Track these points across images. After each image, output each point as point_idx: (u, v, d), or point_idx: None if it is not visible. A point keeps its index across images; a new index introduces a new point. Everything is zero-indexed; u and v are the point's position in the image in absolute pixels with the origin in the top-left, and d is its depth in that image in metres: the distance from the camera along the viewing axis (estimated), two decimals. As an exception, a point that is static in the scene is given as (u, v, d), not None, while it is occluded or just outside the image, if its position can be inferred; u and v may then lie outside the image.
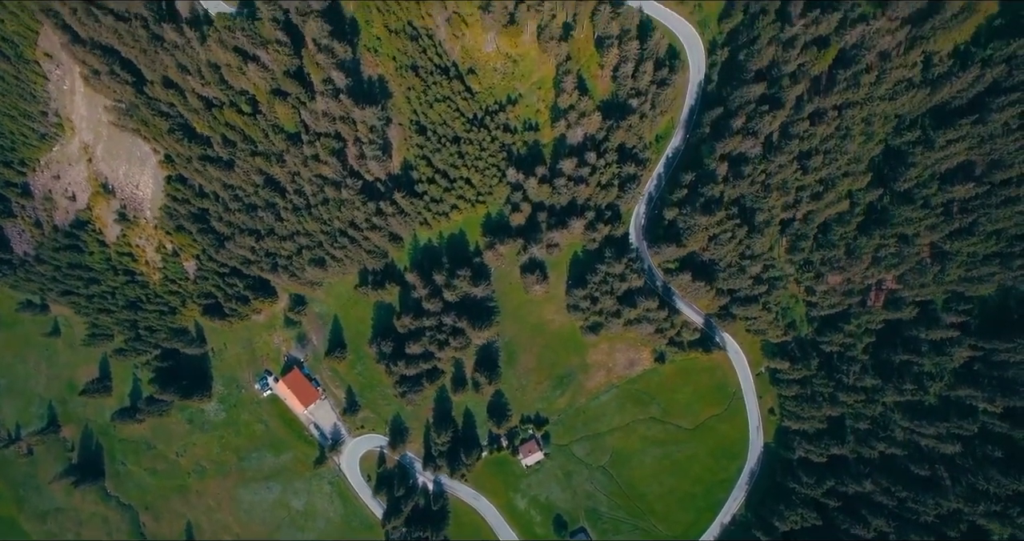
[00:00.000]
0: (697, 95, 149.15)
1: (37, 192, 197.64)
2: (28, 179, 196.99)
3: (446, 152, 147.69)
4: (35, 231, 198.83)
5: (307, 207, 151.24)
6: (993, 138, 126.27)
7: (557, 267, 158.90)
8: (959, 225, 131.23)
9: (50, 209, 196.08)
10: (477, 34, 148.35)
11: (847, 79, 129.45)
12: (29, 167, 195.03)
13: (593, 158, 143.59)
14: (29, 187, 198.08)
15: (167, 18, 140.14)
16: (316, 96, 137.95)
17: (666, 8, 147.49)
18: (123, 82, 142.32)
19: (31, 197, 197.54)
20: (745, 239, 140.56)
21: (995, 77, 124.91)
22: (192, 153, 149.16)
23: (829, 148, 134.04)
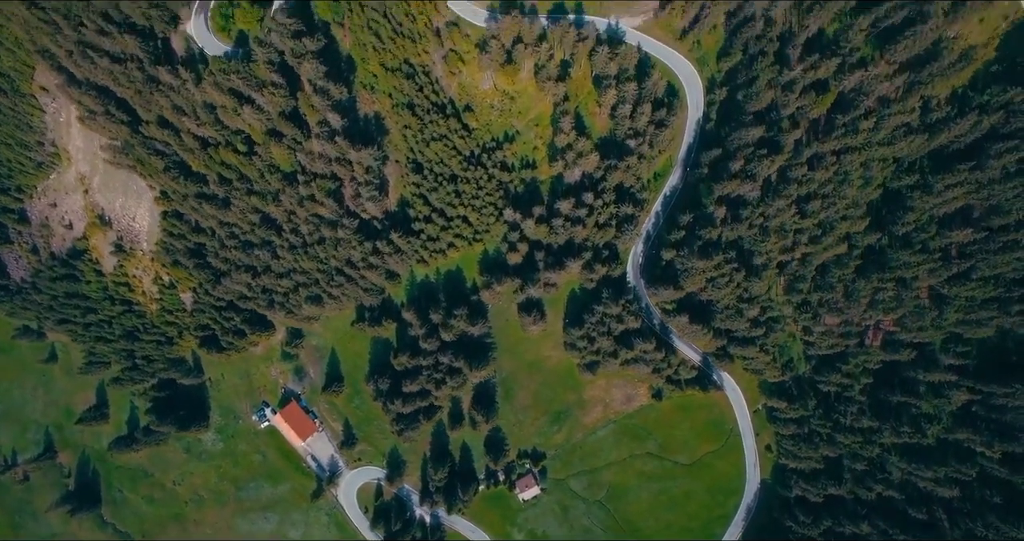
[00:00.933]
0: (695, 133, 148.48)
1: (34, 219, 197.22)
2: (25, 205, 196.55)
3: (443, 191, 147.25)
4: (32, 258, 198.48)
5: (303, 246, 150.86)
6: (991, 184, 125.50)
7: (554, 304, 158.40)
8: (957, 270, 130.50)
9: (47, 236, 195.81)
10: (474, 72, 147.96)
11: (846, 124, 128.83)
12: (26, 194, 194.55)
13: (591, 198, 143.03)
14: (26, 213, 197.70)
15: (163, 60, 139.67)
16: (312, 138, 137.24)
17: (664, 45, 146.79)
18: (118, 122, 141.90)
19: (28, 223, 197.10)
20: (743, 282, 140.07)
21: (993, 123, 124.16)
22: (188, 191, 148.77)
23: (827, 192, 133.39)
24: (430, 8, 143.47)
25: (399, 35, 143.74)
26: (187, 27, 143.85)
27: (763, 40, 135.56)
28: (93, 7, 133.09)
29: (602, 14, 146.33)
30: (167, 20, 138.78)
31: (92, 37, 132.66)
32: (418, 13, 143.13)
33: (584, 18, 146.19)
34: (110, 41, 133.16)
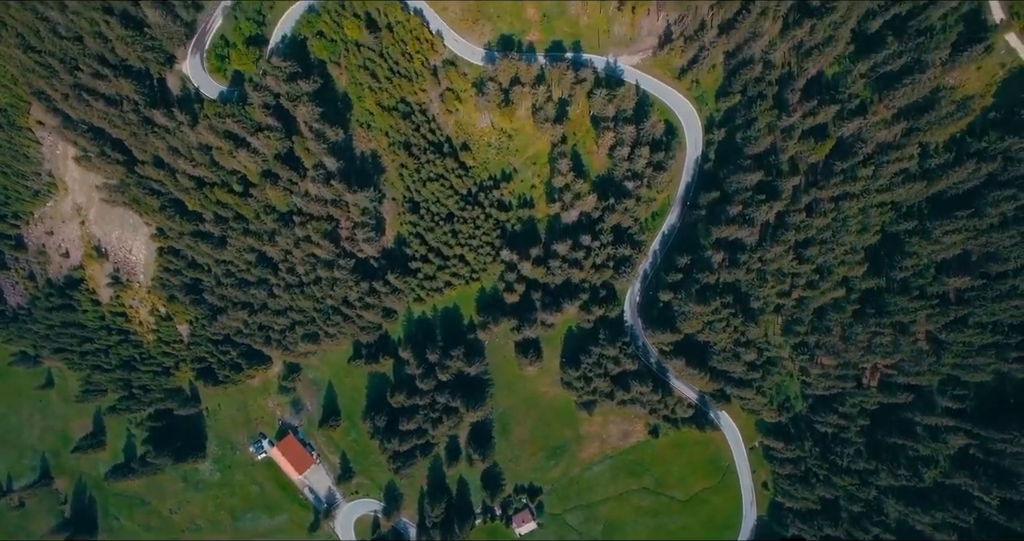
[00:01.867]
0: (694, 172, 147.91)
1: (31, 245, 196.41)
2: (22, 232, 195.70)
3: (440, 231, 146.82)
4: (28, 284, 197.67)
5: (300, 285, 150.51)
6: (989, 231, 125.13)
7: (551, 342, 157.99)
8: (955, 316, 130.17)
9: (44, 262, 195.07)
10: (471, 110, 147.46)
11: (844, 171, 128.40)
12: (23, 220, 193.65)
13: (588, 240, 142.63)
14: (23, 239, 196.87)
15: (158, 100, 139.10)
16: (307, 181, 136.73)
17: (663, 84, 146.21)
18: (114, 162, 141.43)
19: (24, 249, 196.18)
20: (740, 326, 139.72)
21: (991, 171, 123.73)
22: (184, 229, 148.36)
23: (826, 238, 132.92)
24: (427, 47, 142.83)
25: (395, 74, 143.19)
26: (183, 67, 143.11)
27: (762, 83, 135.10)
28: (88, 50, 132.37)
29: (600, 52, 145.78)
30: (163, 61, 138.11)
31: (88, 80, 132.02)
32: (415, 52, 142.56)
33: (582, 56, 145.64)
34: (106, 84, 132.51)
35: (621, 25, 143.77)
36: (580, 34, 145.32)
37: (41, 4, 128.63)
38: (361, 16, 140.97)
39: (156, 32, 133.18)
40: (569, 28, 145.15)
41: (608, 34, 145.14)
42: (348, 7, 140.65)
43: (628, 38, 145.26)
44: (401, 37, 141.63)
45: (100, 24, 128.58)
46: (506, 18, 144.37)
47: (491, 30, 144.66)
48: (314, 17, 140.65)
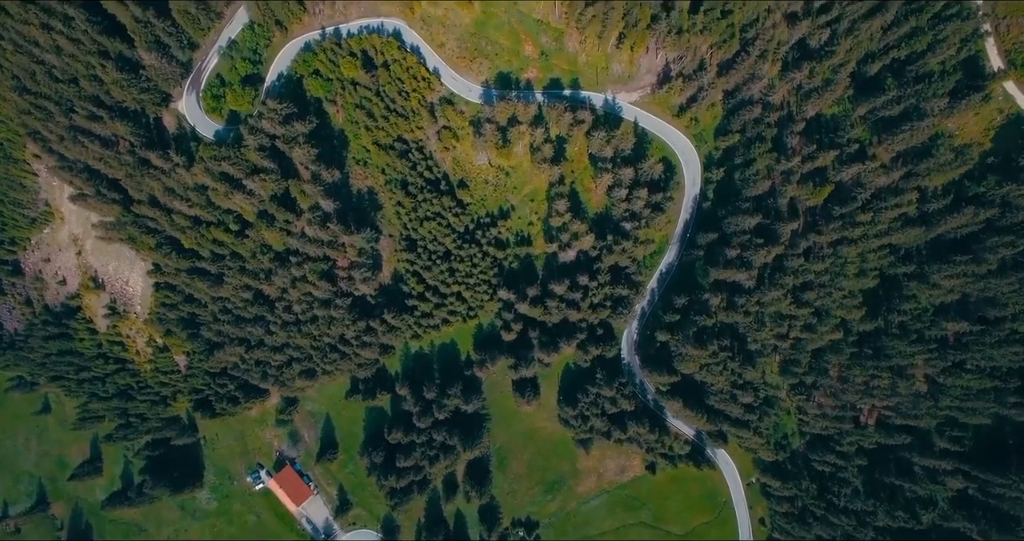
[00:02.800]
0: (692, 210, 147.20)
1: (28, 270, 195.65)
2: (18, 257, 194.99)
3: (437, 270, 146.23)
4: (25, 309, 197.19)
5: (296, 323, 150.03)
6: (988, 277, 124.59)
7: (549, 377, 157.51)
8: (953, 361, 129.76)
9: (41, 289, 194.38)
10: (468, 148, 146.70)
11: (843, 216, 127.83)
12: (19, 246, 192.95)
13: (586, 280, 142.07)
14: (19, 265, 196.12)
15: (154, 139, 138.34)
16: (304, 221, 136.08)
17: (661, 121, 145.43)
18: (109, 201, 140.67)
19: (21, 275, 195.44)
20: (738, 369, 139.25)
21: (989, 217, 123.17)
22: (180, 266, 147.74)
23: (824, 282, 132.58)
24: (423, 86, 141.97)
25: (392, 112, 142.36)
26: (179, 105, 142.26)
27: (761, 124, 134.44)
28: (84, 92, 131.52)
29: (599, 90, 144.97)
30: (158, 101, 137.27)
31: (83, 122, 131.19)
32: (411, 90, 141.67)
33: (580, 93, 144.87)
34: (101, 126, 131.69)
35: (620, 63, 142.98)
36: (578, 71, 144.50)
37: (37, 48, 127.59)
38: (357, 55, 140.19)
39: (151, 74, 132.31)
40: (567, 65, 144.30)
41: (607, 71, 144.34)
42: (344, 46, 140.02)
43: (627, 75, 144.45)
44: (398, 75, 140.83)
45: (96, 67, 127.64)
46: (504, 56, 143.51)
47: (488, 68, 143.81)
48: (310, 56, 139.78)
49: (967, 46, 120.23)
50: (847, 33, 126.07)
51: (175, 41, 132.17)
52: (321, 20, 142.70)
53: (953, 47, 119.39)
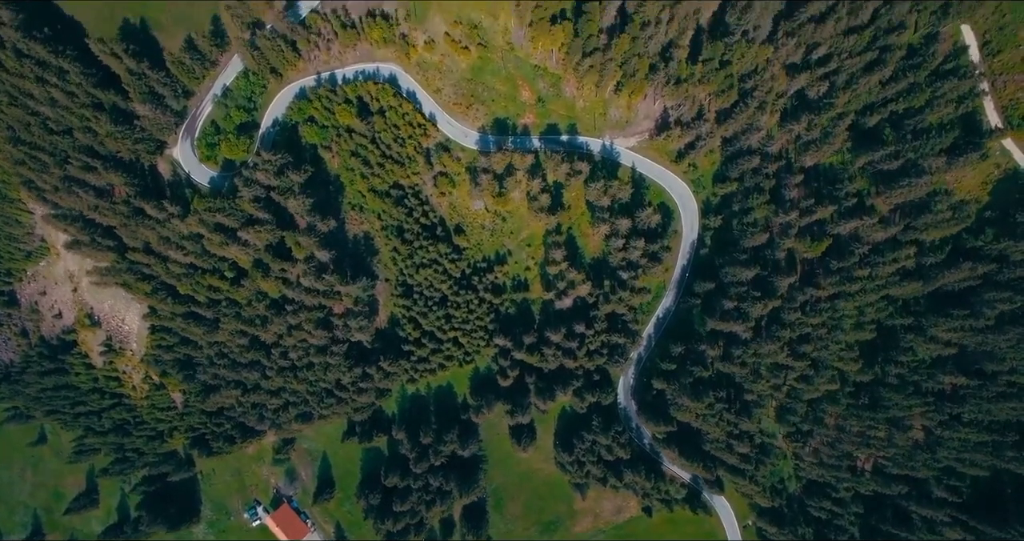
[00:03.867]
0: (690, 255, 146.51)
1: (23, 301, 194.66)
2: (14, 288, 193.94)
3: (433, 316, 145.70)
4: (21, 341, 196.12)
5: (292, 368, 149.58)
6: (986, 332, 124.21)
7: (545, 421, 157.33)
8: (951, 413, 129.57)
9: (36, 321, 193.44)
10: (464, 194, 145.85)
11: (840, 270, 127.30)
12: (15, 277, 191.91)
13: (582, 328, 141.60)
14: (15, 296, 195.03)
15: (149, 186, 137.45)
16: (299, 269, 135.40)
17: (659, 166, 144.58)
18: (104, 249, 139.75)
19: (17, 306, 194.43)
20: (734, 420, 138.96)
21: (987, 272, 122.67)
22: (176, 311, 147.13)
23: (821, 335, 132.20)
24: (419, 132, 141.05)
25: (388, 159, 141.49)
26: (173, 152, 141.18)
27: (759, 175, 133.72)
28: (78, 143, 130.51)
29: (596, 135, 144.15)
30: (153, 150, 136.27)
31: (77, 172, 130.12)
32: (407, 137, 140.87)
33: (578, 139, 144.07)
34: (95, 176, 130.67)
35: (617, 108, 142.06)
36: (576, 117, 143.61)
37: (32, 100, 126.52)
38: (353, 101, 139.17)
39: (146, 124, 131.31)
40: (565, 111, 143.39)
41: (604, 117, 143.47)
42: (340, 92, 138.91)
43: (624, 121, 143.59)
44: (394, 122, 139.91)
45: (90, 120, 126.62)
46: (500, 101, 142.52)
47: (485, 114, 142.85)
48: (304, 104, 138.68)
49: (965, 103, 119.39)
50: (845, 86, 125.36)
51: (169, 91, 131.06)
52: (316, 66, 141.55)
53: (951, 105, 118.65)
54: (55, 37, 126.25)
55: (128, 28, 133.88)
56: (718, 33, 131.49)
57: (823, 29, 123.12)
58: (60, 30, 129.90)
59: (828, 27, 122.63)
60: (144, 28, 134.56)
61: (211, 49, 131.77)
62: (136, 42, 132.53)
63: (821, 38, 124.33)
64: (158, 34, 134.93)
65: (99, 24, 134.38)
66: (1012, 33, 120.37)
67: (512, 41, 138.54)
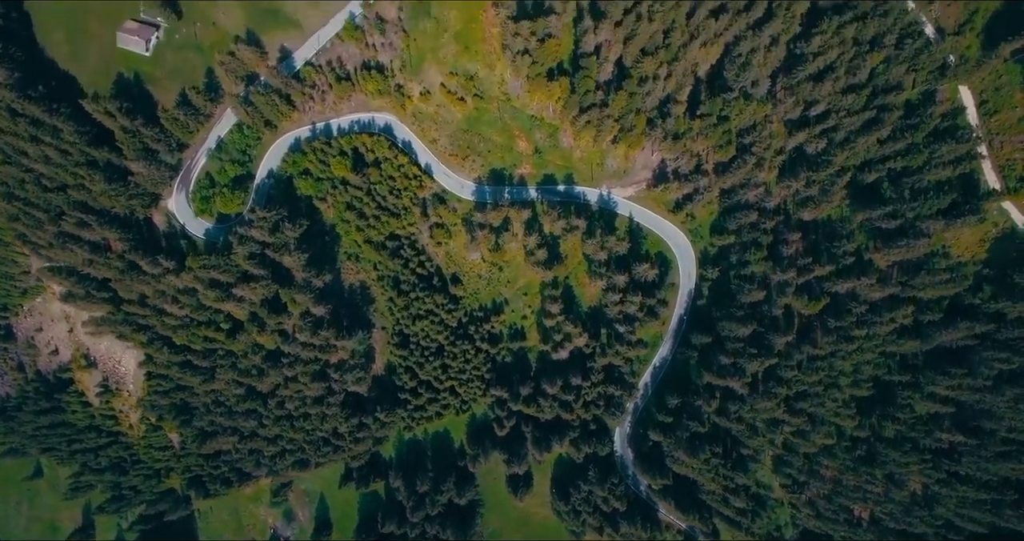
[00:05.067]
0: (687, 305, 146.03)
1: (20, 336, 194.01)
2: (10, 322, 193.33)
3: (429, 366, 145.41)
4: (17, 375, 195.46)
5: (289, 418, 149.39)
6: (984, 391, 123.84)
7: (542, 468, 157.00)
8: (949, 471, 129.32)
9: (33, 355, 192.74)
10: (460, 243, 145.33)
11: (838, 330, 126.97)
12: (11, 311, 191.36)
13: (579, 380, 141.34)
14: (12, 330, 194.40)
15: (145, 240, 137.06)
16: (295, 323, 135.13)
17: (657, 215, 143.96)
18: (99, 301, 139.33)
19: (14, 340, 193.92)
20: (730, 474, 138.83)
21: (984, 331, 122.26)
22: (172, 360, 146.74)
23: (818, 392, 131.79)
24: (415, 184, 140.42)
25: (383, 210, 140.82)
26: (168, 203, 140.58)
27: (757, 230, 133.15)
28: (72, 199, 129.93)
29: (593, 185, 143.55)
30: (147, 203, 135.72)
31: (71, 229, 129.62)
32: (403, 189, 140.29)
33: (575, 189, 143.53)
34: (89, 231, 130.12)
35: (615, 158, 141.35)
36: (573, 167, 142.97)
37: (26, 158, 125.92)
38: (348, 153, 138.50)
39: (140, 180, 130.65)
40: (562, 161, 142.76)
41: (602, 167, 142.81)
42: (335, 145, 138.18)
43: (622, 171, 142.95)
44: (389, 173, 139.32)
45: (84, 178, 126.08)
46: (497, 152, 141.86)
47: (481, 164, 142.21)
48: (299, 157, 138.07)
49: (963, 165, 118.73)
50: (844, 143, 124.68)
51: (164, 146, 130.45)
52: (311, 116, 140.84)
53: (948, 167, 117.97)
54: (49, 95, 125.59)
55: (122, 82, 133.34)
56: (716, 87, 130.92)
57: (821, 87, 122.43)
58: (55, 87, 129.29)
59: (826, 85, 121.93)
60: (138, 82, 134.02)
61: (205, 104, 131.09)
62: (130, 97, 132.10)
63: (819, 95, 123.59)
64: (152, 88, 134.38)
65: (94, 78, 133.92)
66: (1008, 94, 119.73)
67: (508, 91, 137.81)
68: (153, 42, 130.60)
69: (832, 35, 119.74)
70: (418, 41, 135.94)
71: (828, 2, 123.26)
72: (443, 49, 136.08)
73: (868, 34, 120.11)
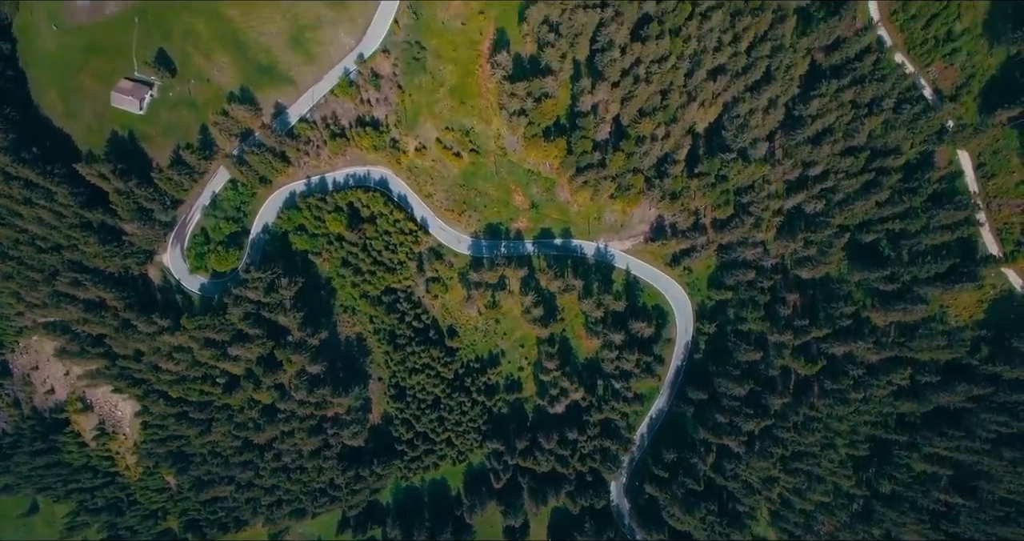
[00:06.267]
0: (684, 358, 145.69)
1: (15, 372, 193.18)
2: (6, 358, 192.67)
3: (426, 419, 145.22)
4: (13, 411, 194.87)
5: (285, 470, 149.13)
6: (982, 454, 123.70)
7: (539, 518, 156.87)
8: (946, 532, 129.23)
9: (29, 392, 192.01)
10: (457, 297, 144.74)
11: (834, 392, 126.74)
12: (7, 348, 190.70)
13: (575, 434, 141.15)
14: (8, 366, 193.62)
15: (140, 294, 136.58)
16: (292, 386, 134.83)
17: (654, 268, 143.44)
18: (94, 357, 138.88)
19: (10, 376, 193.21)
20: (726, 530, 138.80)
21: (982, 393, 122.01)
22: (168, 412, 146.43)
23: (815, 452, 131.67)
24: (410, 239, 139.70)
25: (379, 265, 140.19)
26: (163, 258, 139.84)
27: (754, 288, 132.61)
28: (66, 259, 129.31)
29: (590, 238, 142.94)
30: (142, 261, 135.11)
31: (65, 288, 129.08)
32: (399, 244, 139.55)
33: (572, 242, 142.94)
34: (84, 290, 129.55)
35: (612, 212, 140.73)
36: (570, 221, 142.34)
37: (20, 219, 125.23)
38: (343, 209, 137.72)
39: (134, 239, 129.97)
40: (558, 215, 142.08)
41: (599, 221, 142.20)
42: (330, 200, 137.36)
43: (619, 224, 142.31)
44: (384, 229, 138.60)
45: (77, 240, 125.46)
46: (493, 207, 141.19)
47: (478, 219, 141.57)
48: (294, 213, 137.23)
49: (961, 230, 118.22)
50: (842, 204, 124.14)
51: (158, 205, 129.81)
52: (306, 170, 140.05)
53: (947, 232, 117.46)
54: (43, 156, 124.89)
55: (116, 140, 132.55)
56: (715, 145, 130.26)
57: (820, 150, 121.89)
58: (49, 147, 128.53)
59: (825, 148, 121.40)
60: (132, 140, 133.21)
61: (199, 162, 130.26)
62: (124, 155, 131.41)
63: (818, 157, 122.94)
64: (146, 146, 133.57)
65: (87, 137, 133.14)
66: (1006, 159, 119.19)
67: (505, 146, 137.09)
68: (147, 101, 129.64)
69: (831, 99, 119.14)
70: (414, 96, 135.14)
71: (826, 64, 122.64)
72: (439, 104, 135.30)
73: (866, 97, 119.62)
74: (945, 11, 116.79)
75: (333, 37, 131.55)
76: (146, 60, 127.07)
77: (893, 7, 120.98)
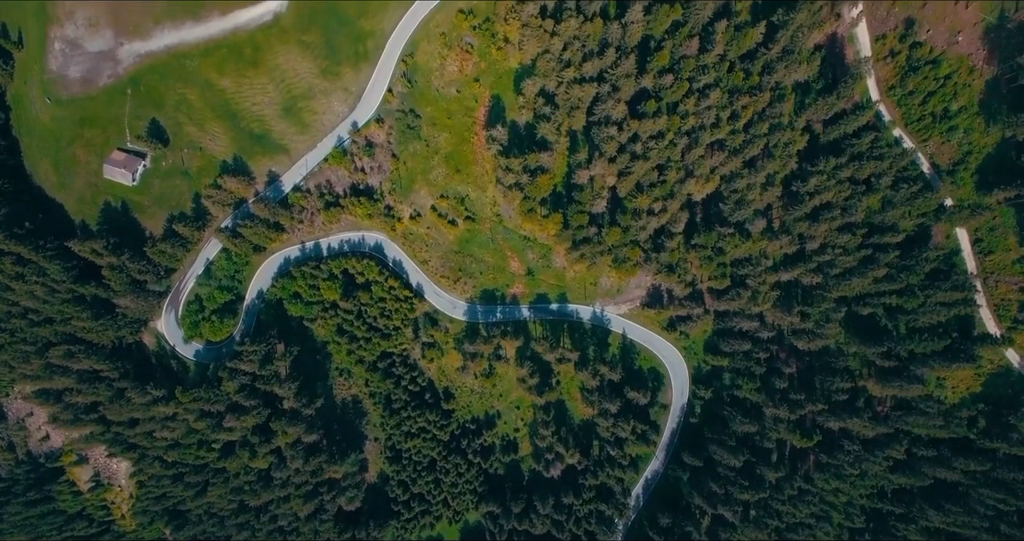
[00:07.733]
0: (679, 420, 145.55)
1: (11, 416, 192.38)
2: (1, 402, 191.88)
3: (422, 481, 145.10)
4: (8, 455, 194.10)
5: (281, 532, 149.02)
6: (981, 531, 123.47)
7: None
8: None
9: (24, 436, 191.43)
10: (452, 361, 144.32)
11: (830, 466, 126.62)
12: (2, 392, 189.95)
13: (571, 498, 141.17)
14: (2, 410, 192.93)
15: (135, 359, 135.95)
16: (288, 460, 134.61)
17: (650, 332, 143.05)
18: (88, 423, 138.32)
19: (5, 420, 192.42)
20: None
21: (980, 469, 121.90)
22: (164, 473, 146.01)
23: (810, 524, 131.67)
24: (406, 306, 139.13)
25: (374, 331, 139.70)
26: (158, 325, 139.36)
27: (750, 359, 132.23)
28: (59, 330, 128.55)
29: (586, 303, 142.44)
30: (135, 331, 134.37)
31: (58, 360, 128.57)
32: (394, 310, 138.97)
33: (568, 307, 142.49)
34: (77, 362, 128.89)
35: (608, 278, 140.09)
36: (566, 286, 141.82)
37: (12, 293, 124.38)
38: (338, 276, 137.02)
39: (127, 311, 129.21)
40: (555, 280, 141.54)
41: (595, 286, 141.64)
42: (324, 268, 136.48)
43: (616, 290, 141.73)
44: (379, 296, 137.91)
45: (70, 315, 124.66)
46: (489, 273, 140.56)
47: (473, 285, 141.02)
48: (289, 281, 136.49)
49: (958, 308, 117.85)
50: (839, 278, 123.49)
51: (151, 276, 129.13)
52: (300, 236, 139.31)
53: (944, 311, 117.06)
54: (36, 231, 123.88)
55: (109, 211, 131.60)
56: (712, 216, 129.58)
57: (817, 226, 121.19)
58: (41, 218, 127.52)
59: (822, 225, 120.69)
60: (125, 210, 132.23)
61: (193, 233, 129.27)
62: (117, 226, 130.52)
63: (815, 233, 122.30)
64: (139, 216, 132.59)
65: (80, 207, 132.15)
66: (1003, 237, 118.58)
67: (501, 213, 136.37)
68: (140, 172, 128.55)
69: (828, 176, 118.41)
70: (408, 163, 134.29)
71: (825, 139, 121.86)
72: (434, 171, 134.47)
73: (864, 174, 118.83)
74: (941, 90, 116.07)
75: (327, 106, 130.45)
76: (139, 134, 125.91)
77: (891, 82, 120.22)
